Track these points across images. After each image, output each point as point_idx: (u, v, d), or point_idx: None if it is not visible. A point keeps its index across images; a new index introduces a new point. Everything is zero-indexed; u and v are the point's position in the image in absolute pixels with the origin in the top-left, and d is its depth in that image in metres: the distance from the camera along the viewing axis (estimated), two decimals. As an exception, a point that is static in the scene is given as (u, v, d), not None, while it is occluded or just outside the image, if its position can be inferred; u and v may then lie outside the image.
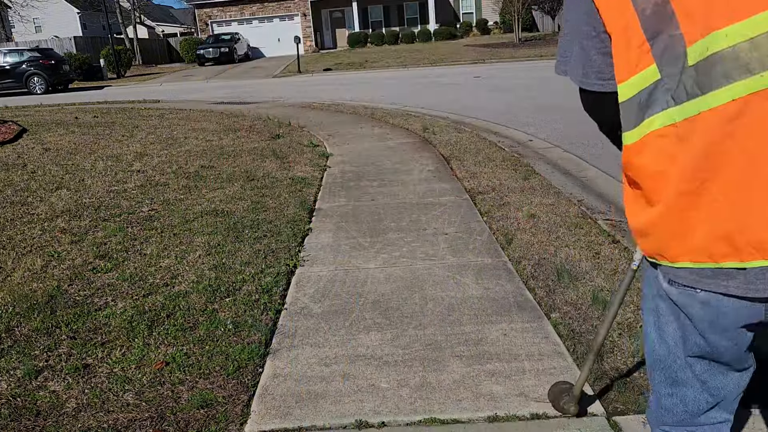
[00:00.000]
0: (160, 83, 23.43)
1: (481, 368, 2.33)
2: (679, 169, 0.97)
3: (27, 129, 9.29)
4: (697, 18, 0.91)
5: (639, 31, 0.96)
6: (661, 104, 0.97)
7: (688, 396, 1.21)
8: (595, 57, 1.06)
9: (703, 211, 0.97)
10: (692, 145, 0.95)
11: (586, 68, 1.08)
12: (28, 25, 41.18)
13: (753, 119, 0.89)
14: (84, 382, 2.36)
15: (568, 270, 3.20)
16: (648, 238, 1.09)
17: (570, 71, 1.12)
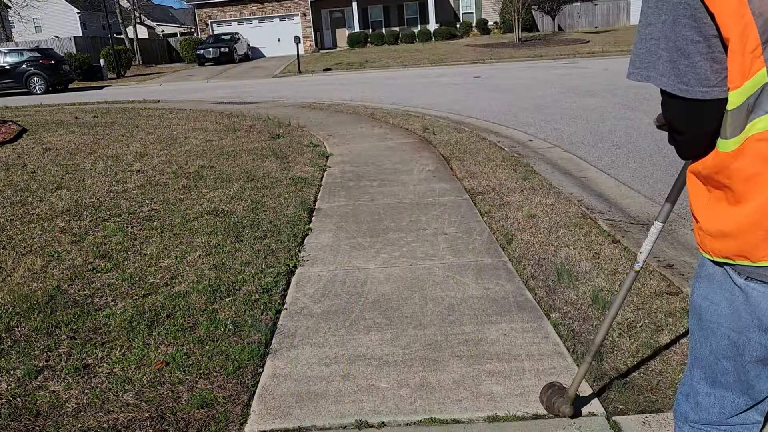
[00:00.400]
0: (160, 83, 23.43)
1: (481, 368, 2.33)
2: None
3: (27, 129, 9.29)
4: None
5: (755, 34, 0.96)
6: (764, 108, 0.99)
7: (726, 398, 1.22)
8: (699, 63, 1.03)
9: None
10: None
11: (688, 75, 1.04)
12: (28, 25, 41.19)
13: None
14: (84, 382, 2.36)
15: (568, 270, 3.20)
16: (731, 240, 1.10)
17: (657, 78, 1.08)
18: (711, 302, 1.18)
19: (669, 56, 1.05)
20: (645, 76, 1.10)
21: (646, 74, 1.10)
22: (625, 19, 36.58)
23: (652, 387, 2.17)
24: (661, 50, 1.06)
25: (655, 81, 1.09)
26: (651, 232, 1.65)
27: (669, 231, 3.95)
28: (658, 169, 5.62)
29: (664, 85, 1.07)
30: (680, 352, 2.38)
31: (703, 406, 1.26)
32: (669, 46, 1.04)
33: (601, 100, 10.29)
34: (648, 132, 7.33)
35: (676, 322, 2.60)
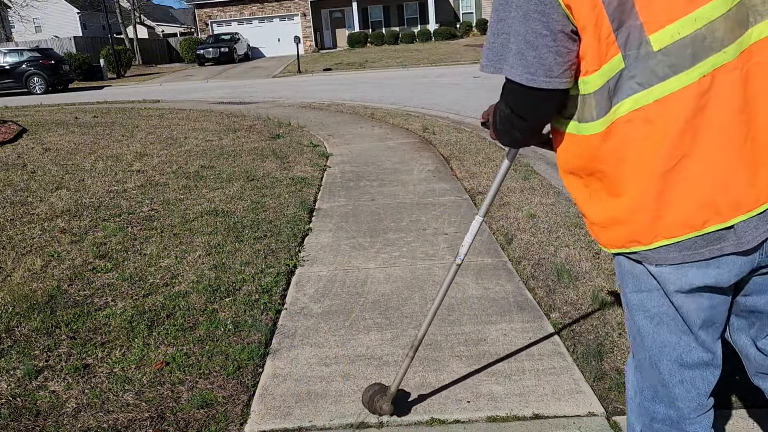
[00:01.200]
0: (159, 83, 23.43)
1: (481, 368, 2.33)
2: (652, 150, 1.06)
3: (27, 129, 9.29)
4: (655, 8, 1.01)
5: (607, 23, 1.03)
6: (626, 91, 1.06)
7: (697, 377, 1.24)
8: (545, 54, 1.09)
9: (680, 186, 1.06)
10: (666, 124, 1.04)
11: (534, 66, 1.11)
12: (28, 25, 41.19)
13: (720, 92, 1.02)
14: (84, 382, 2.36)
15: (568, 270, 3.20)
16: (620, 227, 1.15)
17: (508, 69, 1.15)
18: (648, 290, 1.21)
19: (518, 49, 1.11)
20: (497, 68, 1.18)
21: (497, 66, 1.17)
22: (625, 19, 36.52)
23: (652, 387, 2.16)
24: (511, 44, 1.13)
25: (505, 72, 1.16)
26: (472, 226, 1.74)
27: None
28: (658, 169, 5.62)
29: (512, 76, 1.14)
30: (680, 352, 2.38)
31: (680, 396, 1.26)
32: (518, 40, 1.11)
33: (601, 100, 10.28)
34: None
35: (676, 322, 2.60)
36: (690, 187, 1.05)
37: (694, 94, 1.01)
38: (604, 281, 3.06)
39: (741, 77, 1.01)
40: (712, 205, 1.05)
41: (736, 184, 1.04)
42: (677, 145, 1.04)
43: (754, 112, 1.02)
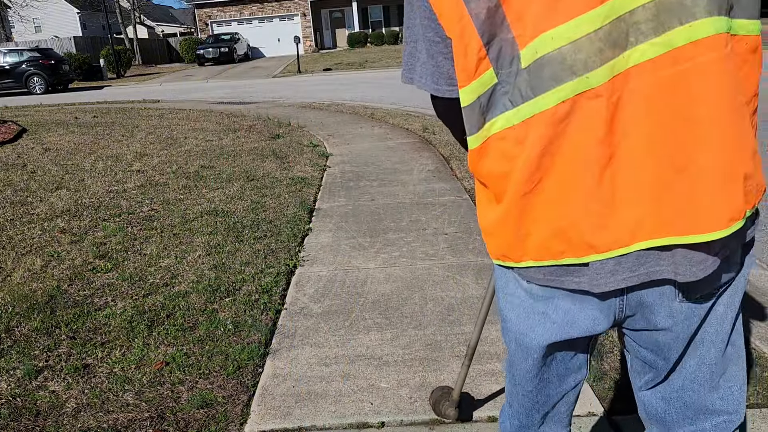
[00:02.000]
0: (159, 83, 23.43)
1: (481, 368, 2.33)
2: (518, 171, 0.98)
3: (27, 129, 9.29)
4: (527, 21, 0.91)
5: (476, 36, 0.95)
6: (499, 108, 0.98)
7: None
8: (442, 62, 1.04)
9: (539, 210, 0.99)
10: (528, 146, 0.96)
11: (436, 75, 1.06)
12: (27, 25, 41.20)
13: (579, 119, 0.91)
14: (84, 382, 2.36)
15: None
16: (493, 238, 1.10)
17: (417, 79, 1.10)
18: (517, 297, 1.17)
19: (424, 58, 1.06)
20: (409, 78, 1.12)
21: (409, 76, 1.12)
22: (625, 19, 36.57)
23: (652, 387, 2.17)
24: (419, 52, 1.07)
25: (416, 83, 1.10)
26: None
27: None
28: (657, 169, 5.62)
29: (422, 86, 1.08)
30: (680, 352, 2.38)
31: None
32: (424, 48, 1.05)
33: (600, 100, 10.28)
34: (648, 132, 7.33)
35: (676, 322, 2.60)
36: (545, 213, 0.98)
37: (552, 119, 0.92)
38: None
39: (608, 105, 0.90)
40: (565, 236, 0.97)
41: (587, 222, 0.95)
42: (535, 169, 0.95)
43: (618, 146, 0.91)
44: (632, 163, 0.92)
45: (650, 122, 0.90)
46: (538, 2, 0.90)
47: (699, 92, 0.88)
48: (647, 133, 0.91)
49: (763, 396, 2.07)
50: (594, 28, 0.87)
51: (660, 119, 0.90)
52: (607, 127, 0.90)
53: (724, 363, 1.11)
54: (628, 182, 0.93)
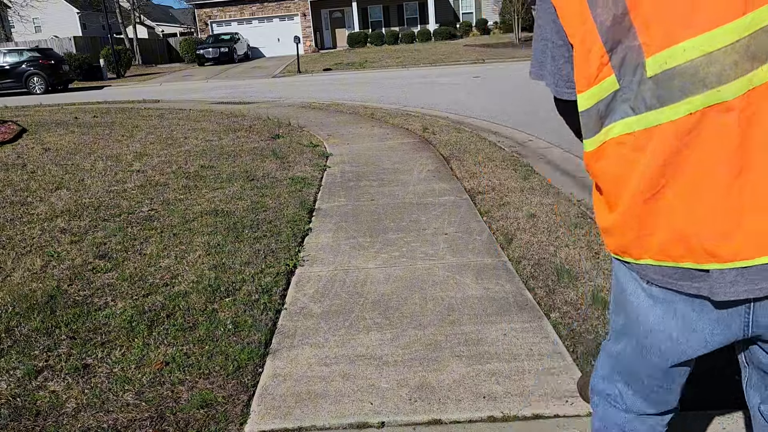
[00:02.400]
0: (159, 83, 23.43)
1: (481, 368, 2.33)
2: (638, 176, 0.99)
3: (27, 129, 9.29)
4: (655, 30, 0.91)
5: (599, 43, 0.95)
6: (620, 113, 0.99)
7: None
8: (562, 65, 1.06)
9: (661, 215, 1.00)
10: (651, 153, 0.96)
11: (556, 77, 1.09)
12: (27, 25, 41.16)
13: (708, 131, 0.91)
14: (84, 382, 2.36)
15: (568, 270, 3.20)
16: (614, 238, 1.12)
17: (546, 76, 1.12)
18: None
19: (549, 58, 1.09)
20: (538, 74, 1.15)
21: (539, 72, 1.14)
22: (625, 19, 36.53)
23: (652, 387, 2.17)
24: (548, 50, 1.09)
25: (545, 79, 1.12)
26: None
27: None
28: (657, 169, 5.62)
29: (548, 84, 1.11)
30: (680, 352, 2.38)
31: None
32: (551, 47, 1.08)
33: (600, 100, 10.28)
34: (648, 132, 7.32)
35: (676, 322, 2.60)
36: (668, 219, 0.99)
37: (679, 130, 0.92)
38: (604, 281, 3.06)
39: (740, 120, 0.88)
40: (686, 242, 0.98)
41: (711, 231, 0.96)
42: (659, 177, 0.97)
43: (750, 159, 0.90)
44: (764, 177, 0.91)
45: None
46: (672, 12, 0.89)
47: None
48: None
49: (763, 396, 2.07)
50: (731, 41, 0.86)
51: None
52: (739, 140, 0.89)
53: None
54: (758, 196, 0.92)
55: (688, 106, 0.90)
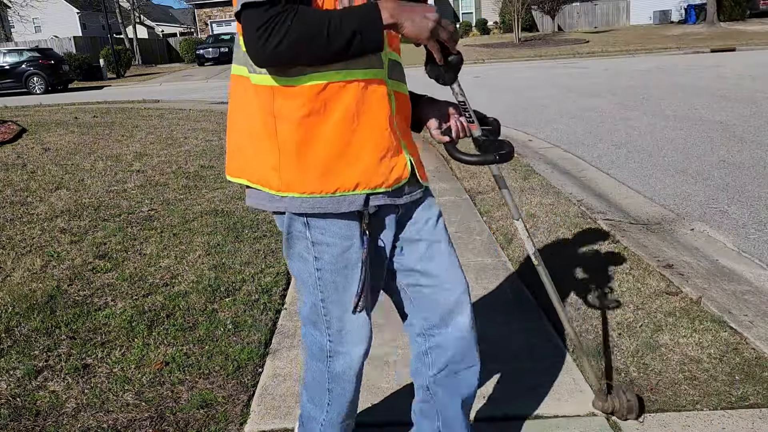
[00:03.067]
0: (159, 83, 23.43)
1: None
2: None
3: (26, 129, 9.29)
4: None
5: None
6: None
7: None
8: None
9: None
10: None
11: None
12: (27, 25, 41.16)
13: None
14: (84, 382, 2.36)
15: (568, 270, 3.20)
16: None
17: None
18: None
19: None
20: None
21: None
22: (625, 19, 36.60)
23: (652, 387, 2.17)
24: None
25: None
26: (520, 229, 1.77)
27: (668, 231, 3.95)
28: (657, 168, 5.62)
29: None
30: (680, 352, 2.38)
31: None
32: None
33: (600, 100, 10.29)
34: (647, 132, 7.33)
35: (676, 322, 2.60)
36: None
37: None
38: (604, 281, 3.06)
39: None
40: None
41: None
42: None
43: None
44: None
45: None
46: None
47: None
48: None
49: (764, 396, 2.07)
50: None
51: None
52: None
53: None
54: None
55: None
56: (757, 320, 2.60)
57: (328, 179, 1.27)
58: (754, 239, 3.78)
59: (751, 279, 3.17)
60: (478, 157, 1.54)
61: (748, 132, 6.88)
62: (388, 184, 1.33)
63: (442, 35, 1.28)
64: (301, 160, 1.27)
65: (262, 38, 1.11)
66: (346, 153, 1.28)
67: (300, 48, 1.13)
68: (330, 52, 1.16)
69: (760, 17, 31.59)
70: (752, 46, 20.91)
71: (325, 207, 1.29)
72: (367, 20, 1.17)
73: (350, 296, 1.40)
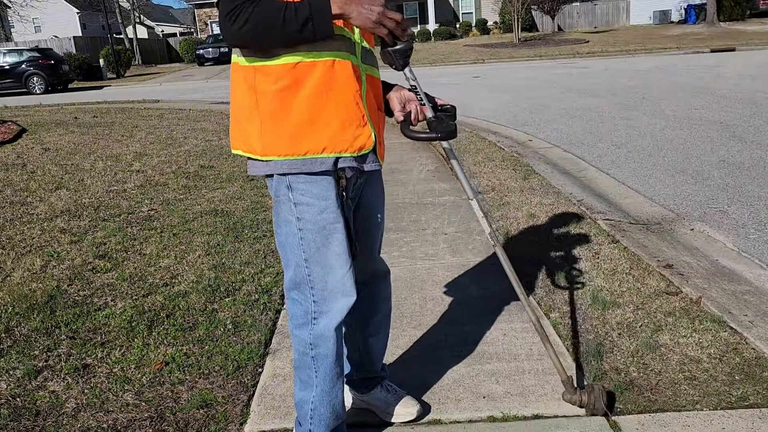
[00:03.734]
0: (159, 83, 23.43)
1: (480, 368, 2.33)
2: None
3: (26, 129, 9.29)
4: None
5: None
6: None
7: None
8: None
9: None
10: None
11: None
12: (27, 25, 41.18)
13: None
14: (84, 382, 2.36)
15: (568, 270, 3.20)
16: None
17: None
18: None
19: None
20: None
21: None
22: (625, 19, 36.60)
23: (651, 387, 2.17)
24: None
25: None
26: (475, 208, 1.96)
27: (668, 231, 3.95)
28: (657, 168, 5.63)
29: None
30: (680, 352, 2.38)
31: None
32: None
33: (600, 100, 10.29)
34: (647, 132, 7.33)
35: (676, 322, 2.60)
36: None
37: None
38: (604, 281, 3.06)
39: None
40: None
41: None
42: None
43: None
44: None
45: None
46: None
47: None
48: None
49: (763, 396, 2.07)
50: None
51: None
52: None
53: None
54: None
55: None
56: (757, 320, 2.60)
57: (299, 143, 1.51)
58: (754, 239, 3.79)
59: (751, 279, 3.17)
60: (426, 134, 1.76)
61: (748, 132, 6.89)
62: (352, 149, 1.56)
63: (388, 24, 1.46)
64: (276, 127, 1.50)
65: (229, 21, 1.37)
66: (316, 121, 1.50)
67: (258, 30, 1.37)
68: (285, 35, 1.39)
69: (759, 17, 31.60)
70: (752, 46, 20.92)
71: (299, 168, 1.53)
72: (318, 9, 1.38)
73: (331, 255, 1.60)
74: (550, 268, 3.27)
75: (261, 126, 1.51)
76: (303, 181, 1.56)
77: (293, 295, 1.68)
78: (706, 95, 9.97)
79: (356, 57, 1.55)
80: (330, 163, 1.55)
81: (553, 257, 3.42)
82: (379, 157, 1.70)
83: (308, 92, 1.48)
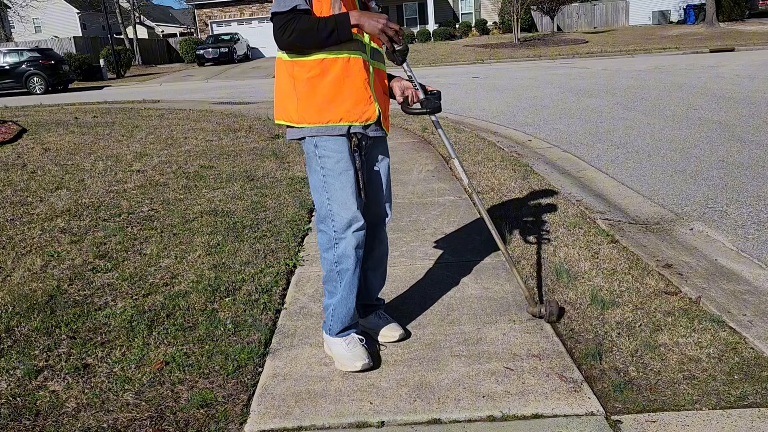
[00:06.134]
0: (159, 83, 23.43)
1: (480, 368, 2.33)
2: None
3: (27, 129, 9.30)
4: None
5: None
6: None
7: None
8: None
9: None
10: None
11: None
12: (27, 25, 41.17)
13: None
14: (84, 382, 2.36)
15: (567, 270, 3.21)
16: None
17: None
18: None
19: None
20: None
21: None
22: (624, 20, 36.60)
23: (651, 386, 2.17)
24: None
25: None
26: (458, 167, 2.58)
27: (667, 231, 3.95)
28: (656, 168, 5.63)
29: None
30: (679, 352, 2.38)
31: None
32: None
33: (599, 100, 10.30)
34: (646, 132, 7.34)
35: (675, 322, 2.60)
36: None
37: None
38: (604, 281, 3.06)
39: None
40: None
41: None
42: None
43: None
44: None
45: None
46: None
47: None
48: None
49: (762, 395, 2.07)
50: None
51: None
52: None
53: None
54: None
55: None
56: (756, 320, 2.60)
57: (323, 114, 2.14)
58: (753, 239, 3.79)
59: (750, 279, 3.17)
60: (419, 110, 2.34)
61: (747, 132, 6.89)
62: (361, 120, 2.16)
63: (389, 32, 2.05)
64: (308, 103, 2.14)
65: (281, 33, 2.03)
66: (335, 99, 2.12)
67: (300, 38, 2.01)
68: (318, 40, 2.02)
69: (759, 17, 31.61)
70: (751, 46, 20.93)
71: (323, 132, 2.15)
72: (340, 22, 2.01)
73: (346, 195, 2.16)
74: (549, 268, 3.27)
75: (297, 103, 2.15)
76: (325, 141, 2.15)
77: (321, 227, 2.25)
78: (705, 95, 9.97)
79: (366, 54, 2.16)
80: (344, 129, 2.14)
81: (552, 257, 3.42)
82: (385, 129, 2.29)
83: (331, 79, 2.09)
